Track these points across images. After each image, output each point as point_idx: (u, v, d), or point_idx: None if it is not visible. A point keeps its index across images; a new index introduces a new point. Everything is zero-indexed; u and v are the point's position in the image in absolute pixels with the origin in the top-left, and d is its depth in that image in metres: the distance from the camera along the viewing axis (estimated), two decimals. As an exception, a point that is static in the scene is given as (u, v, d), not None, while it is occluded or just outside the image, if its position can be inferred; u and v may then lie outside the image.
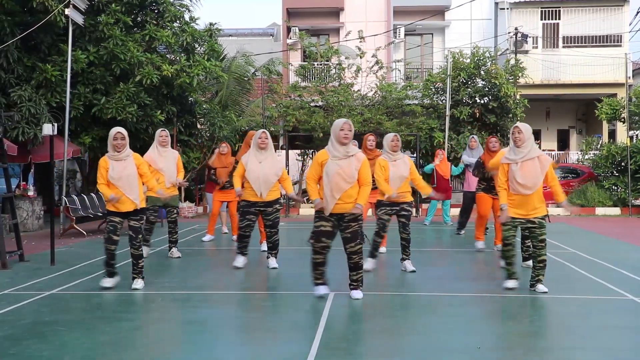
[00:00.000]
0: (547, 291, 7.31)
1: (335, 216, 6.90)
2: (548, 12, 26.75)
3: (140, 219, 7.72)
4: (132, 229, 7.65)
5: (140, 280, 7.77)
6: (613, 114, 20.49)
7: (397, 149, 8.70)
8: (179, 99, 17.61)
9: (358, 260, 7.01)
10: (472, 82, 20.13)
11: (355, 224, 6.89)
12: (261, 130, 8.93)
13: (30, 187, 15.52)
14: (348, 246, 6.95)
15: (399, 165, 8.57)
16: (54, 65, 14.69)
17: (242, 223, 8.80)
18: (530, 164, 7.24)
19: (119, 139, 7.62)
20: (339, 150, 6.86)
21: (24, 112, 13.81)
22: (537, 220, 7.28)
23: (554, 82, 26.05)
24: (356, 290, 7.11)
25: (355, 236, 6.91)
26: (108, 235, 7.56)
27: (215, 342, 5.57)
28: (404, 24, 26.72)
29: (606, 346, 5.42)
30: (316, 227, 6.95)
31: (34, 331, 5.85)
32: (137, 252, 7.71)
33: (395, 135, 8.81)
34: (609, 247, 11.51)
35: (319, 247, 6.95)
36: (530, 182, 7.19)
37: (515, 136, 7.31)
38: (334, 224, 6.92)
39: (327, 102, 20.32)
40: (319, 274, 7.11)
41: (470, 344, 5.43)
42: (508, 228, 7.35)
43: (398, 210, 8.60)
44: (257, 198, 8.66)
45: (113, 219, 7.58)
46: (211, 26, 18.02)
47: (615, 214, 18.46)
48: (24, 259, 9.95)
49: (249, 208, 8.75)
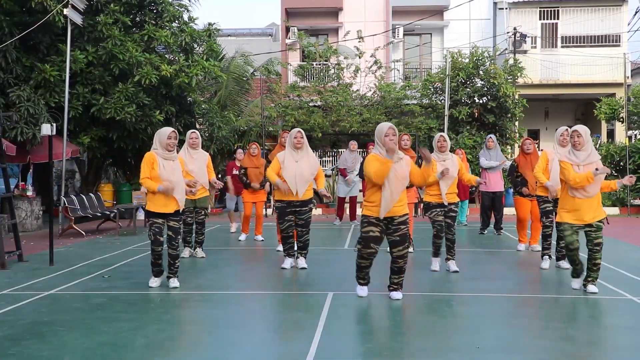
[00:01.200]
0: (597, 292, 7.28)
1: (385, 220, 6.85)
2: (547, 12, 26.75)
3: (179, 219, 7.74)
4: (172, 230, 7.65)
5: (175, 279, 7.78)
6: (612, 113, 20.51)
7: (445, 149, 8.72)
8: (177, 99, 17.61)
9: (402, 265, 6.99)
10: (470, 82, 20.14)
11: (404, 227, 6.86)
12: (296, 130, 8.88)
13: (29, 187, 15.50)
14: (396, 250, 6.92)
15: (447, 165, 8.56)
16: (52, 65, 14.68)
17: (283, 225, 8.79)
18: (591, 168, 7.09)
19: (172, 138, 7.56)
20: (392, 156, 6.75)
21: (23, 112, 13.80)
22: (595, 223, 7.21)
23: (553, 82, 26.05)
24: (396, 292, 7.12)
25: (404, 239, 6.87)
26: (155, 238, 7.53)
27: (214, 342, 5.57)
28: (403, 23, 26.71)
29: (605, 346, 5.43)
30: (365, 233, 6.87)
31: (33, 331, 5.84)
32: (175, 252, 7.71)
33: (441, 135, 8.83)
34: (607, 246, 11.43)
35: (367, 253, 6.91)
36: (592, 187, 7.10)
37: (575, 140, 7.16)
38: (382, 228, 6.87)
39: (326, 102, 20.34)
40: (363, 275, 7.15)
41: (470, 344, 5.43)
42: (570, 233, 7.21)
43: (447, 212, 8.64)
44: (293, 197, 8.64)
45: (156, 221, 7.54)
46: (210, 26, 18.01)
47: (614, 214, 18.46)
48: (23, 259, 9.94)
49: (285, 208, 8.73)
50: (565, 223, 7.24)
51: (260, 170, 11.53)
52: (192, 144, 9.77)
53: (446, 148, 8.73)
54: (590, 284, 7.37)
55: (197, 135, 9.86)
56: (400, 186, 6.77)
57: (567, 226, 7.23)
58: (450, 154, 8.78)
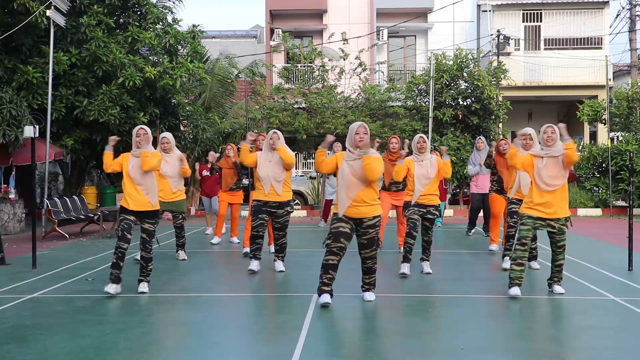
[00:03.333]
0: (564, 292, 7.35)
1: (354, 220, 6.85)
2: (530, 14, 26.94)
3: (155, 222, 7.65)
4: (146, 232, 7.59)
5: (145, 284, 7.67)
6: (594, 115, 20.66)
7: (425, 150, 8.79)
8: (161, 101, 17.54)
9: (372, 265, 7.03)
10: (454, 84, 20.21)
11: (373, 231, 6.85)
12: (272, 131, 8.90)
13: (12, 189, 15.38)
14: (363, 252, 6.94)
15: (425, 165, 8.65)
16: (35, 67, 14.58)
17: (255, 222, 8.71)
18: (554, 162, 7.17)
19: (141, 135, 7.51)
20: (355, 153, 6.79)
21: (5, 114, 13.69)
22: (558, 226, 7.25)
23: (536, 84, 26.23)
24: (369, 292, 7.14)
25: (372, 243, 6.89)
26: (122, 233, 7.38)
27: (198, 345, 5.55)
28: (387, 26, 26.80)
29: (587, 346, 5.47)
30: (335, 229, 6.85)
31: (14, 335, 5.79)
32: (147, 255, 7.64)
33: (421, 136, 8.90)
34: (590, 247, 11.60)
35: (336, 247, 6.82)
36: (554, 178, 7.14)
37: (549, 135, 7.22)
38: (352, 227, 6.88)
39: (311, 104, 20.34)
40: (328, 279, 6.90)
41: (454, 345, 5.45)
42: (527, 228, 7.25)
43: (424, 213, 8.68)
44: (269, 197, 8.64)
45: (127, 217, 7.44)
46: (194, 28, 17.97)
47: (597, 215, 18.60)
48: (5, 262, 9.86)
49: (261, 207, 8.72)
50: (526, 215, 7.30)
51: (234, 171, 11.69)
52: (165, 147, 9.77)
53: (425, 149, 8.80)
54: (556, 284, 7.48)
55: (168, 140, 9.83)
56: (357, 184, 6.76)
57: (527, 219, 7.27)
58: (429, 154, 8.83)
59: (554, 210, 7.19)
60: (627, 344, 5.53)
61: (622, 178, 18.87)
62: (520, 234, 7.27)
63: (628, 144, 19.01)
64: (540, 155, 7.24)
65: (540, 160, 7.21)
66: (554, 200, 7.18)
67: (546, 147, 7.24)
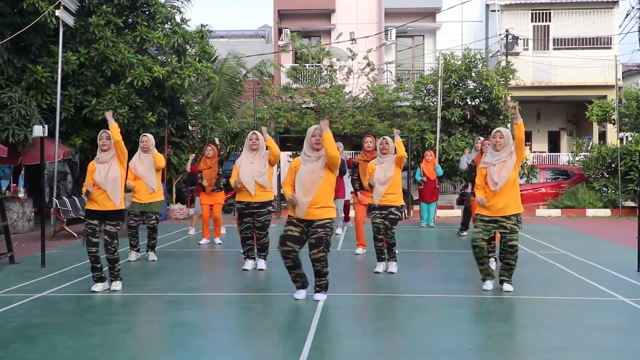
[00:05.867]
0: (511, 290, 7.47)
1: (305, 222, 6.90)
2: (539, 14, 26.84)
3: (117, 224, 7.72)
4: (108, 234, 7.65)
5: (118, 281, 7.78)
6: (603, 115, 20.58)
7: (387, 152, 8.83)
8: (170, 101, 17.58)
9: (321, 268, 7.00)
10: (463, 84, 20.17)
11: (321, 231, 6.86)
12: (252, 132, 9.06)
13: (21, 189, 15.44)
14: (311, 252, 6.93)
15: (385, 167, 8.73)
16: (44, 67, 14.64)
17: (242, 226, 9.00)
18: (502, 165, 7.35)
19: (104, 138, 7.65)
20: (312, 155, 6.89)
21: (14, 113, 13.75)
22: (509, 226, 7.33)
23: (545, 84, 26.13)
24: (319, 293, 7.15)
25: (319, 243, 6.86)
26: (87, 238, 7.59)
27: (205, 345, 5.56)
28: (395, 25, 26.76)
29: (596, 347, 5.44)
30: (284, 232, 6.95)
31: (23, 334, 5.81)
32: (112, 257, 7.71)
33: (384, 138, 8.98)
34: (599, 248, 11.55)
35: (284, 250, 6.92)
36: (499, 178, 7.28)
37: (497, 140, 7.40)
38: (302, 229, 6.92)
39: (319, 103, 20.32)
40: (293, 277, 7.14)
41: (462, 345, 5.43)
42: (478, 231, 7.42)
43: (387, 214, 8.71)
44: (251, 198, 8.78)
45: (91, 222, 7.61)
46: (202, 28, 18.00)
47: (606, 216, 18.53)
48: (14, 261, 9.90)
49: (244, 210, 8.88)
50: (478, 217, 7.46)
51: (213, 171, 11.70)
52: (143, 147, 9.79)
53: (387, 150, 8.84)
54: (506, 283, 7.57)
55: (147, 139, 9.86)
56: (313, 187, 6.80)
57: (479, 222, 7.42)
58: (390, 155, 8.85)
59: (503, 207, 7.32)
60: (635, 345, 5.50)
61: (631, 178, 18.79)
62: (473, 236, 7.46)
63: (637, 144, 18.93)
64: (492, 164, 7.39)
65: (492, 167, 7.39)
66: (503, 198, 7.31)
67: (495, 152, 7.40)
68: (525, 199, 20.28)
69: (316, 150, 6.90)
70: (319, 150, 6.89)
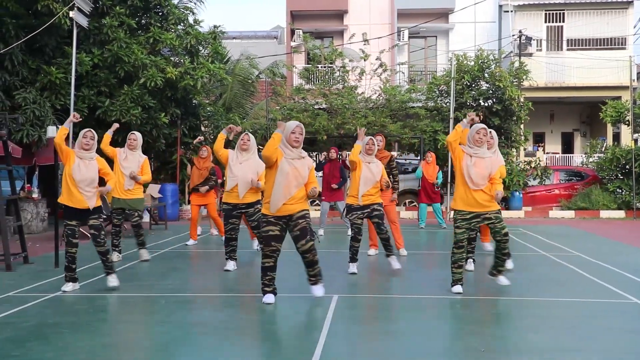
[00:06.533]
0: (509, 284, 7.47)
1: (284, 218, 6.87)
2: (552, 14, 26.71)
3: (98, 217, 7.80)
4: (93, 227, 7.73)
5: (113, 275, 7.86)
6: (617, 116, 20.45)
7: (372, 153, 8.87)
8: (183, 102, 17.64)
9: (312, 258, 6.94)
10: (476, 85, 20.10)
11: (302, 221, 6.84)
12: (244, 133, 9.11)
13: (35, 189, 15.53)
14: (299, 244, 6.87)
15: (371, 168, 8.76)
16: (58, 68, 14.71)
17: (227, 227, 9.07)
18: (482, 163, 7.27)
19: (88, 137, 7.77)
20: (293, 152, 6.88)
21: (29, 114, 13.84)
22: (493, 215, 7.26)
23: (558, 85, 26.00)
24: (316, 285, 7.09)
25: (305, 233, 6.83)
26: (67, 239, 7.65)
27: (218, 345, 5.57)
28: (408, 26, 26.73)
29: (608, 348, 5.41)
30: (265, 232, 6.90)
31: (37, 333, 5.85)
32: (102, 249, 7.78)
33: (371, 138, 8.97)
34: (613, 249, 11.49)
35: (269, 250, 6.90)
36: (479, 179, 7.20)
37: (481, 137, 7.30)
38: (282, 227, 6.90)
39: (331, 104, 20.33)
40: (268, 280, 7.05)
41: (474, 346, 5.41)
42: (462, 231, 7.34)
43: (369, 212, 8.71)
44: (238, 200, 8.84)
45: (70, 223, 7.67)
46: (215, 29, 18.04)
47: (620, 217, 18.42)
48: (28, 261, 9.96)
49: (231, 211, 8.95)
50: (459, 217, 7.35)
51: (203, 173, 11.78)
52: (130, 145, 9.85)
53: (373, 151, 8.86)
54: (502, 276, 7.54)
55: (135, 137, 9.93)
56: (295, 183, 6.80)
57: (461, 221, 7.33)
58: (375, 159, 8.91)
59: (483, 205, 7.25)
60: (650, 348, 5.47)
61: (645, 180, 18.66)
62: (456, 238, 7.37)
63: (652, 145, 18.81)
64: (469, 154, 7.31)
65: (469, 158, 7.28)
66: (483, 198, 7.24)
67: (475, 147, 7.31)
68: (539, 200, 20.33)
69: (295, 147, 6.85)
70: (297, 147, 6.86)
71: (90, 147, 7.74)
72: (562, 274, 8.78)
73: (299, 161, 6.87)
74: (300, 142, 6.87)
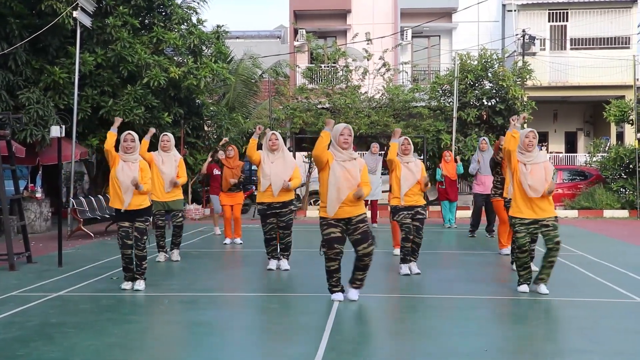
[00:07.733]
0: (548, 293, 7.32)
1: (343, 220, 6.87)
2: (556, 14, 26.66)
3: (145, 220, 7.83)
4: (138, 231, 7.76)
5: (142, 281, 7.84)
6: (621, 116, 20.40)
7: (409, 152, 8.79)
8: (186, 101, 17.65)
9: (368, 262, 6.94)
10: (479, 84, 20.08)
11: (363, 225, 6.85)
12: (270, 132, 9.07)
13: (38, 189, 15.56)
14: (361, 247, 6.87)
15: (411, 167, 8.66)
16: (61, 68, 14.73)
17: (266, 227, 9.01)
18: (538, 168, 7.25)
19: (128, 140, 7.76)
20: (344, 154, 6.87)
21: (32, 114, 13.86)
22: (551, 222, 7.24)
23: (562, 84, 25.94)
24: (357, 289, 7.08)
25: (367, 237, 6.84)
26: (122, 242, 7.69)
27: (222, 344, 5.57)
28: (411, 26, 26.69)
29: (615, 349, 5.39)
30: (326, 235, 6.88)
31: (42, 333, 5.85)
32: (141, 253, 7.81)
33: (406, 138, 8.89)
34: (617, 249, 11.46)
35: (333, 254, 6.89)
36: (538, 186, 7.17)
37: (531, 140, 7.29)
38: (342, 229, 6.88)
39: (334, 104, 20.32)
40: (335, 281, 7.06)
41: (479, 346, 5.40)
42: (523, 235, 7.28)
43: (414, 214, 8.65)
44: (273, 199, 8.81)
45: (123, 225, 7.71)
46: (218, 28, 18.05)
47: (623, 217, 18.38)
48: (32, 260, 9.97)
49: (266, 211, 8.91)
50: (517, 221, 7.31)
51: (234, 172, 11.84)
52: (164, 146, 9.85)
53: (410, 151, 8.81)
54: (543, 284, 7.44)
55: (168, 139, 9.94)
56: (348, 186, 6.78)
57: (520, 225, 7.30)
58: (413, 157, 8.83)
59: (543, 211, 7.23)
60: (655, 348, 5.45)
61: (649, 179, 18.61)
62: (519, 242, 7.32)
63: (656, 144, 18.75)
64: (523, 162, 7.30)
65: (523, 167, 7.27)
66: (541, 204, 7.22)
67: (528, 153, 7.30)
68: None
69: (345, 149, 6.85)
70: (347, 149, 6.86)
71: (132, 150, 7.75)
72: (567, 274, 8.76)
73: (350, 162, 6.86)
74: (350, 144, 6.87)
